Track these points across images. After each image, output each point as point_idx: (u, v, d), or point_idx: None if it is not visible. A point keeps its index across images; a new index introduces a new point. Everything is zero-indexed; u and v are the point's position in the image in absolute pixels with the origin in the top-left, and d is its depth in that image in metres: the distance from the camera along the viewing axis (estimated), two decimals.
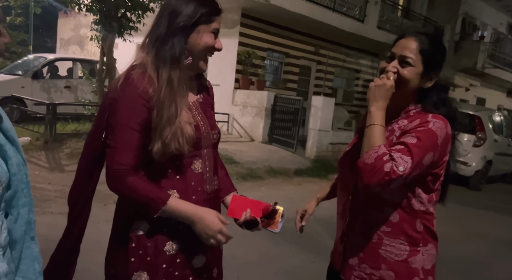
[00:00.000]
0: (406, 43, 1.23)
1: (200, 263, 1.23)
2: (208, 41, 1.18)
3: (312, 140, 8.27)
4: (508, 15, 17.83)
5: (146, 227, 1.16)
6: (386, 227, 1.24)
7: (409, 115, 1.26)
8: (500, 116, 9.37)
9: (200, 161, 1.22)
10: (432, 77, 1.24)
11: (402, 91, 1.23)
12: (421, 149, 1.13)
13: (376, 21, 10.99)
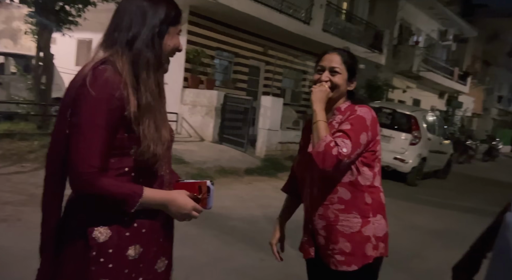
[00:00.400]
0: (331, 57, 1.55)
1: (163, 266, 1.21)
2: (177, 43, 1.19)
3: (262, 139, 8.37)
4: (439, 22, 19.31)
5: (107, 234, 1.11)
6: (340, 205, 1.49)
7: (341, 110, 1.57)
8: (433, 116, 10.14)
9: (161, 164, 1.18)
10: (353, 81, 1.60)
11: (336, 94, 1.55)
12: (356, 131, 1.42)
13: (321, 24, 11.37)
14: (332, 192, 1.49)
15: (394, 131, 8.44)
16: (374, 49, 13.90)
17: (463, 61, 23.30)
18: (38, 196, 1.30)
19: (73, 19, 7.02)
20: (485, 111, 28.30)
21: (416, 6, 16.97)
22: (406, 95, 17.69)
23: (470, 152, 16.19)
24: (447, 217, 6.16)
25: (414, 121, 8.61)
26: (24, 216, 3.62)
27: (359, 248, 1.46)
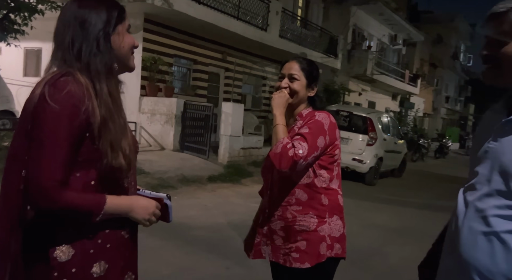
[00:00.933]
0: (290, 65, 1.66)
1: None
2: (130, 41, 1.17)
3: (224, 145, 8.35)
4: (389, 27, 20.27)
5: (70, 252, 1.06)
6: (297, 206, 1.57)
7: (303, 116, 1.65)
8: (387, 117, 10.60)
9: (126, 176, 1.16)
10: (313, 88, 1.68)
11: (296, 100, 1.64)
12: (313, 135, 1.50)
13: (278, 30, 11.57)
14: (290, 193, 1.57)
15: (351, 133, 8.72)
16: (330, 54, 14.34)
17: (412, 64, 24.59)
18: None
19: (19, 28, 6.67)
20: (434, 111, 29.97)
21: (367, 12, 17.71)
22: (362, 98, 18.37)
23: (423, 150, 17.05)
24: (404, 214, 6.43)
25: (370, 123, 8.95)
26: None
27: (314, 247, 1.52)
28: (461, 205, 1.11)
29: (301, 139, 1.49)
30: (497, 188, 1.01)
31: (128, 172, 1.15)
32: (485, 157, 1.06)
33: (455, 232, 1.10)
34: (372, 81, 18.19)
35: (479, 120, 1.28)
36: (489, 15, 1.03)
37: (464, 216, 1.07)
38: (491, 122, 1.10)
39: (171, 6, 8.00)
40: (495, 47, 1.01)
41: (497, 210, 1.00)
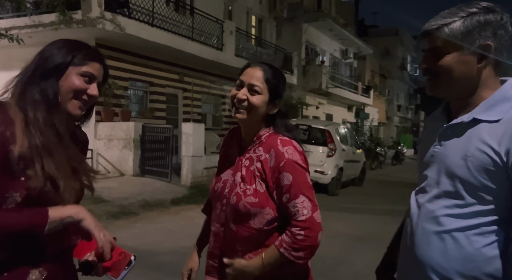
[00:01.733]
0: (253, 73, 1.33)
1: None
2: (74, 83, 1.10)
3: (187, 166, 8.25)
4: (340, 42, 21.20)
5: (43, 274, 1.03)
6: (255, 250, 1.32)
7: (261, 141, 1.36)
8: (344, 128, 10.98)
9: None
10: (276, 104, 1.37)
11: (252, 117, 1.34)
12: (304, 184, 1.27)
13: (233, 49, 11.76)
14: (249, 238, 1.32)
15: (311, 146, 8.94)
16: (285, 70, 14.73)
17: (364, 76, 25.74)
18: None
19: None
20: (388, 120, 31.38)
21: (318, 28, 18.45)
22: (319, 111, 18.91)
23: (381, 158, 17.74)
24: (367, 221, 6.62)
25: (328, 135, 9.23)
26: None
27: None
28: (413, 207, 1.17)
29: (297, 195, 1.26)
30: (445, 189, 1.08)
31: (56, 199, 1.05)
32: (432, 161, 1.14)
33: (410, 234, 1.16)
34: (327, 94, 18.80)
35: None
36: (423, 32, 1.12)
37: (417, 217, 1.14)
38: (433, 128, 1.19)
39: (123, 30, 7.94)
40: (432, 61, 1.10)
41: (447, 210, 1.07)
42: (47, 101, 1.07)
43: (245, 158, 1.37)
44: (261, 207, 1.28)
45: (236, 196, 1.31)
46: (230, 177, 1.38)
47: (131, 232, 4.89)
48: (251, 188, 1.31)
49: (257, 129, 1.39)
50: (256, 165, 1.33)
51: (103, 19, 7.60)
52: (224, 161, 1.45)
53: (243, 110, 1.33)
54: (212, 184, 1.44)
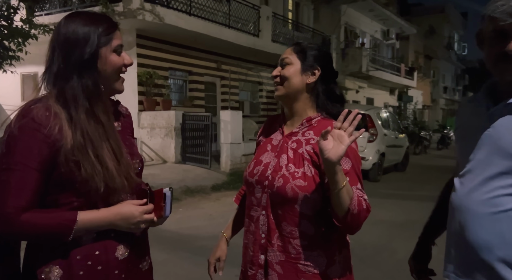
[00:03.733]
0: (284, 52, 1.37)
1: None
2: (116, 63, 1.11)
3: (225, 153, 8.38)
4: (381, 23, 20.36)
5: (59, 273, 1.03)
6: (303, 240, 1.23)
7: (312, 124, 1.30)
8: (386, 112, 10.61)
9: (117, 197, 1.10)
10: (313, 72, 1.30)
11: (289, 91, 1.30)
12: (359, 170, 1.24)
13: (270, 35, 11.64)
14: (294, 223, 1.24)
15: None
16: None
17: (407, 57, 24.64)
18: None
19: (14, 54, 6.75)
20: (433, 102, 29.97)
21: (357, 9, 17.81)
22: (359, 95, 18.39)
23: (425, 142, 17.02)
24: (409, 207, 6.42)
25: (369, 119, 8.97)
26: None
27: None
28: (460, 192, 1.14)
29: (356, 181, 1.21)
30: (499, 170, 1.05)
31: (118, 193, 1.09)
32: (481, 144, 1.10)
33: (458, 218, 1.12)
34: (368, 77, 18.22)
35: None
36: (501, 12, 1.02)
37: (467, 200, 1.10)
38: (475, 112, 1.15)
39: (162, 20, 8.09)
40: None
41: (503, 190, 1.04)
42: (90, 93, 1.06)
43: (291, 141, 1.30)
44: (309, 192, 1.21)
45: (283, 178, 1.24)
46: (273, 159, 1.30)
47: (174, 217, 5.06)
48: (300, 171, 1.24)
49: (303, 109, 1.32)
50: (305, 148, 1.26)
51: (143, 10, 7.78)
52: (264, 146, 1.38)
53: (279, 87, 1.33)
54: (250, 167, 1.36)
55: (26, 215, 0.98)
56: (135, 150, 1.23)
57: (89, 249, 1.07)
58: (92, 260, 1.07)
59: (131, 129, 1.29)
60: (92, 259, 1.07)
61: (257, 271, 1.28)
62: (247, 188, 1.37)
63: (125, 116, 1.28)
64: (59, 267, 1.04)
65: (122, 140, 1.16)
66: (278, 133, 1.37)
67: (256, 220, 1.30)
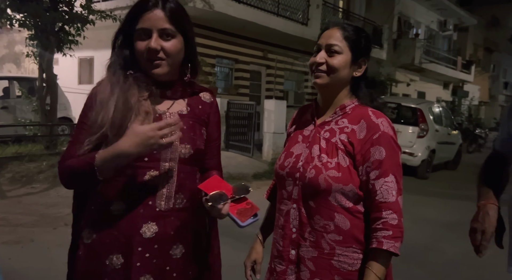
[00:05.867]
0: (330, 33, 1.21)
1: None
2: (138, 48, 1.12)
3: (268, 143, 8.38)
4: (438, 13, 19.21)
5: (92, 235, 1.14)
6: (337, 235, 1.16)
7: (346, 112, 1.22)
8: (439, 107, 10.05)
9: (156, 174, 1.12)
10: (361, 65, 1.22)
11: (334, 81, 1.20)
12: (396, 166, 1.16)
13: (319, 23, 11.38)
14: (327, 217, 1.17)
15: (400, 126, 8.37)
16: (374, 44, 13.88)
17: (465, 50, 23.13)
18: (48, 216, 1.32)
19: (73, 38, 7.12)
20: (491, 98, 28.01)
21: None
22: (410, 89, 17.58)
23: (480, 140, 15.99)
24: (459, 207, 6.06)
25: (420, 114, 8.55)
26: (36, 236, 3.66)
27: None
28: None
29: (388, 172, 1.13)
30: None
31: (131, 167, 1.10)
32: None
33: None
34: (420, 70, 17.35)
35: None
36: None
37: None
38: None
39: (212, 7, 8.15)
40: None
41: None
42: (122, 77, 1.14)
43: (324, 130, 1.22)
44: (344, 183, 1.14)
45: (315, 169, 1.16)
46: (305, 150, 1.23)
47: None
48: (333, 161, 1.16)
49: (339, 98, 1.24)
50: (339, 137, 1.18)
51: None
52: (294, 137, 1.31)
53: (322, 74, 1.20)
54: (280, 160, 1.29)
55: (68, 160, 1.12)
56: (191, 136, 1.19)
57: (116, 220, 1.12)
58: (118, 231, 1.12)
59: (203, 116, 1.26)
60: (118, 230, 1.12)
61: (287, 266, 1.22)
62: (277, 181, 1.31)
63: (203, 104, 1.28)
64: (93, 231, 1.14)
65: (184, 124, 1.17)
66: (310, 124, 1.29)
67: (286, 214, 1.24)
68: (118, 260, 1.11)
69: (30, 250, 3.32)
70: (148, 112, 1.12)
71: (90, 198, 1.17)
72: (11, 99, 8.36)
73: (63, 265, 1.27)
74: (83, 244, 1.15)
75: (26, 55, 7.35)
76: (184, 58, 1.21)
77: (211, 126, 1.28)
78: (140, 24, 1.12)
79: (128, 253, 1.11)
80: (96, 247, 1.13)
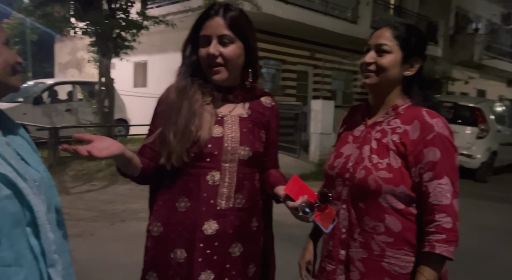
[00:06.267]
0: (380, 33, 1.19)
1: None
2: (200, 54, 1.19)
3: (315, 143, 8.29)
4: (501, 5, 17.89)
5: (160, 229, 1.22)
6: (388, 237, 1.14)
7: (399, 113, 1.19)
8: (502, 106, 9.35)
9: (218, 174, 1.18)
10: (413, 64, 1.19)
11: (383, 81, 1.18)
12: (451, 169, 1.11)
13: (369, 21, 11.07)
14: (378, 218, 1.15)
15: (457, 126, 7.89)
16: (429, 41, 13.22)
17: None
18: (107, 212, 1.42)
19: (129, 44, 7.53)
20: None
21: None
22: (469, 87, 16.53)
23: None
24: None
25: (479, 114, 8.02)
26: (96, 231, 3.92)
27: None
28: None
29: (442, 174, 1.10)
30: None
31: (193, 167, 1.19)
32: None
33: None
34: (480, 67, 16.26)
35: None
36: None
37: None
38: None
39: (260, 9, 8.22)
40: None
41: None
42: (185, 70, 1.23)
43: (375, 131, 1.20)
44: (395, 184, 1.11)
45: (365, 169, 1.15)
46: (355, 150, 1.22)
47: None
48: (384, 161, 1.14)
49: (391, 98, 1.21)
50: (391, 138, 1.16)
51: (242, 0, 8.00)
52: (344, 138, 1.30)
53: (371, 74, 1.19)
54: (330, 161, 1.29)
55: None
56: (250, 138, 1.24)
57: (182, 217, 1.20)
58: (182, 227, 1.20)
59: (263, 120, 1.30)
60: (182, 226, 1.20)
61: (337, 266, 1.21)
62: (327, 181, 1.30)
63: (264, 108, 1.32)
64: (161, 224, 1.22)
65: (240, 126, 1.23)
66: (361, 124, 1.27)
67: (336, 214, 1.22)
68: (182, 254, 1.18)
69: (90, 243, 3.55)
70: (211, 115, 1.21)
71: (159, 194, 1.26)
72: (74, 102, 9.02)
73: (120, 259, 1.36)
74: (151, 237, 1.24)
75: (87, 60, 7.89)
76: (245, 63, 1.25)
77: (272, 130, 1.33)
78: (203, 31, 1.19)
79: (191, 248, 1.18)
80: (162, 240, 1.21)
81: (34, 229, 0.91)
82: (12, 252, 0.87)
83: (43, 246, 0.92)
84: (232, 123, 1.24)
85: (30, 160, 1.00)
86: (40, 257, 0.92)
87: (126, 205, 4.79)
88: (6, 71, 0.94)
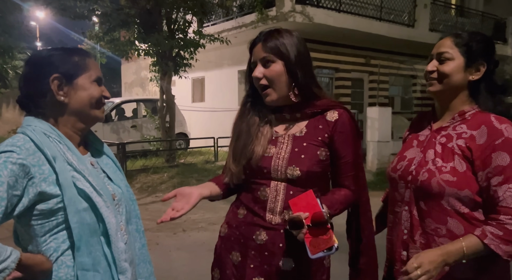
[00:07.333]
0: (441, 42, 1.23)
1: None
2: (253, 81, 1.31)
3: (372, 152, 8.04)
4: None
5: (225, 230, 1.35)
6: (449, 239, 1.13)
7: (465, 118, 1.20)
8: None
9: (267, 190, 1.25)
10: (478, 68, 1.18)
11: (446, 87, 1.20)
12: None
13: (427, 24, 10.59)
14: (440, 221, 1.16)
15: None
16: (496, 40, 12.30)
17: None
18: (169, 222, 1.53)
19: (187, 62, 7.94)
20: None
21: None
22: None
23: None
24: None
25: None
26: (161, 240, 4.14)
27: None
28: None
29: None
30: None
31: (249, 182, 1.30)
32: None
33: None
34: None
35: None
36: None
37: None
38: None
39: (312, 20, 8.25)
40: None
41: None
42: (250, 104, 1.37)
43: (441, 135, 1.22)
44: (459, 188, 1.12)
45: (428, 172, 1.16)
46: (419, 154, 1.24)
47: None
48: (448, 165, 1.15)
49: (456, 103, 1.22)
50: (456, 142, 1.17)
51: (294, 12, 8.10)
52: (409, 142, 1.33)
53: (434, 82, 1.22)
54: (393, 163, 1.32)
55: None
56: (300, 158, 1.23)
57: (240, 223, 1.31)
58: (239, 232, 1.32)
59: (322, 137, 1.26)
60: (240, 231, 1.32)
61: (400, 267, 1.22)
62: (390, 183, 1.34)
63: (325, 123, 1.27)
64: (227, 226, 1.36)
65: (292, 145, 1.25)
66: (426, 129, 1.30)
67: (399, 215, 1.26)
68: (237, 257, 1.29)
69: (156, 252, 3.76)
70: (266, 136, 1.30)
71: (235, 199, 1.40)
72: (139, 118, 9.64)
73: (183, 267, 1.46)
74: (219, 236, 1.37)
75: (150, 79, 8.43)
76: (294, 80, 1.24)
77: (337, 145, 1.26)
78: (252, 59, 1.30)
79: (244, 254, 1.28)
80: (226, 241, 1.33)
81: (107, 239, 1.03)
82: (90, 258, 1.00)
83: (113, 254, 1.03)
84: (285, 142, 1.28)
85: (113, 177, 1.16)
86: (112, 265, 1.03)
87: (187, 215, 4.93)
88: (91, 104, 1.11)
